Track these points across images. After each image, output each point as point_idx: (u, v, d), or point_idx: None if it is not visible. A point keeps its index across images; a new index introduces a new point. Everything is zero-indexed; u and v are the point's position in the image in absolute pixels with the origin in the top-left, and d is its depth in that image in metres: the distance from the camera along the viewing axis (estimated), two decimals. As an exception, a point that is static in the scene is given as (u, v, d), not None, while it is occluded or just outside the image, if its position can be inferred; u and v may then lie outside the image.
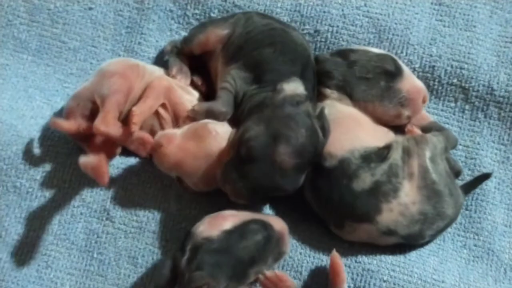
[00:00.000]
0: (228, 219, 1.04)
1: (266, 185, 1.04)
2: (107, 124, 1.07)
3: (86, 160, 1.09)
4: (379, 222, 1.08)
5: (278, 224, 1.07)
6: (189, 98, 1.15)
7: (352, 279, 1.11)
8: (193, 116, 1.10)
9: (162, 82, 1.15)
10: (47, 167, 1.19)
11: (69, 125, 1.12)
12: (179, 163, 1.08)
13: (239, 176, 1.04)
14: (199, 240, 1.02)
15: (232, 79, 1.12)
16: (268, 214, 1.10)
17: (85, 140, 1.14)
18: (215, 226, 1.03)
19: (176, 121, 1.14)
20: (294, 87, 1.11)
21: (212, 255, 1.00)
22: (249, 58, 1.13)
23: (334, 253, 1.08)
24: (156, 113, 1.13)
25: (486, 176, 1.18)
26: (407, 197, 1.08)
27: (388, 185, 1.08)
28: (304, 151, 1.04)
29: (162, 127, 1.13)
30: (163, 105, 1.13)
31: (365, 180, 1.08)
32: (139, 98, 1.12)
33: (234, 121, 1.12)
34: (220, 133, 1.08)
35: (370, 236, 1.10)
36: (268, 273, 1.05)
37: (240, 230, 1.03)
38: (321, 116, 1.10)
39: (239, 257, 1.02)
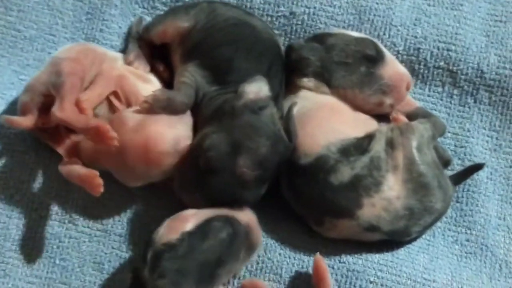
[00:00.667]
0: (189, 220, 0.96)
1: (225, 196, 0.98)
2: (64, 110, 0.98)
3: (70, 169, 1.00)
4: (360, 218, 1.01)
5: (245, 216, 0.99)
6: (146, 86, 1.06)
7: (336, 280, 1.04)
8: (152, 103, 1.00)
9: (113, 70, 1.06)
10: (3, 167, 1.10)
11: (26, 121, 1.04)
12: (93, 160, 1.01)
13: (196, 187, 0.98)
14: (159, 247, 0.94)
15: (191, 75, 1.04)
16: (233, 208, 1.00)
17: (48, 134, 1.07)
18: (174, 229, 0.95)
19: None
20: (257, 88, 1.02)
21: (173, 262, 0.92)
22: (207, 58, 1.05)
23: (318, 256, 1.01)
24: (110, 103, 1.04)
25: (478, 167, 1.11)
26: (391, 191, 1.01)
27: (369, 179, 1.01)
28: (266, 162, 0.98)
29: None
30: (115, 95, 1.04)
31: (343, 173, 1.01)
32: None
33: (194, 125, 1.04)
34: (136, 123, 0.99)
35: (352, 232, 1.03)
36: (245, 281, 1.00)
37: (202, 230, 0.95)
38: (288, 117, 1.03)
39: (204, 260, 0.94)
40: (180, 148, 1.00)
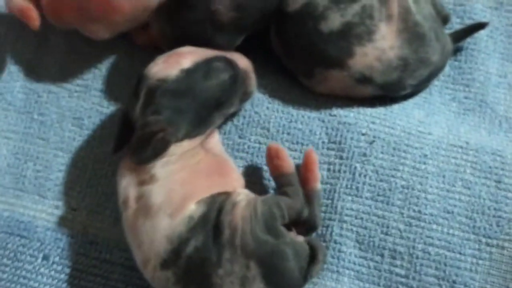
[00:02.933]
0: (186, 57, 0.90)
1: (197, 36, 0.93)
2: None
3: (13, 2, 0.95)
4: (351, 67, 0.95)
5: (242, 61, 0.94)
6: None
7: (327, 134, 0.98)
8: None
9: None
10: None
11: None
12: (57, 17, 0.96)
13: (169, 19, 0.93)
14: (154, 82, 0.87)
15: None
16: (229, 51, 0.95)
17: None
18: (171, 65, 0.89)
19: None
20: None
21: (170, 99, 0.87)
22: None
23: (309, 149, 0.96)
24: None
25: (480, 26, 1.05)
26: (384, 40, 0.96)
27: (361, 27, 0.95)
28: (244, 5, 0.93)
29: None
30: None
31: (334, 21, 0.95)
32: None
33: None
34: None
35: (343, 85, 0.98)
36: (272, 145, 0.93)
37: (203, 69, 0.89)
38: None
39: (202, 100, 0.89)
40: None
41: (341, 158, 0.97)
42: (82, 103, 1.02)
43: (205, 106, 0.89)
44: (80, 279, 0.96)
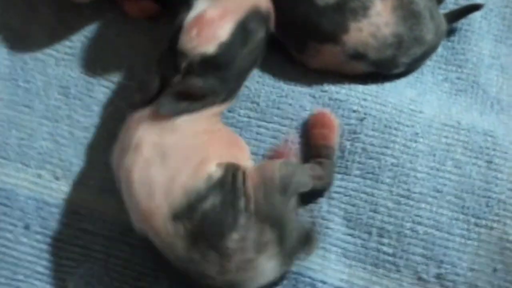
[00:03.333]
0: (220, 25, 0.87)
1: None
2: None
3: None
4: (346, 43, 0.94)
5: (263, 2, 0.92)
6: None
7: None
8: None
9: None
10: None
11: None
12: None
13: None
14: (196, 58, 0.85)
15: None
16: None
17: None
18: (208, 39, 0.86)
19: None
20: None
21: (213, 71, 0.86)
22: None
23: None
24: None
25: (475, 7, 1.04)
26: (379, 17, 0.95)
27: (356, 2, 0.94)
28: None
29: None
30: None
31: None
32: None
33: None
34: None
35: (336, 60, 0.96)
36: (322, 111, 0.94)
37: (240, 36, 0.87)
38: None
39: (243, 67, 0.89)
40: None
41: (331, 134, 0.95)
42: (69, 72, 1.01)
43: (245, 71, 0.90)
44: (61, 249, 0.94)
